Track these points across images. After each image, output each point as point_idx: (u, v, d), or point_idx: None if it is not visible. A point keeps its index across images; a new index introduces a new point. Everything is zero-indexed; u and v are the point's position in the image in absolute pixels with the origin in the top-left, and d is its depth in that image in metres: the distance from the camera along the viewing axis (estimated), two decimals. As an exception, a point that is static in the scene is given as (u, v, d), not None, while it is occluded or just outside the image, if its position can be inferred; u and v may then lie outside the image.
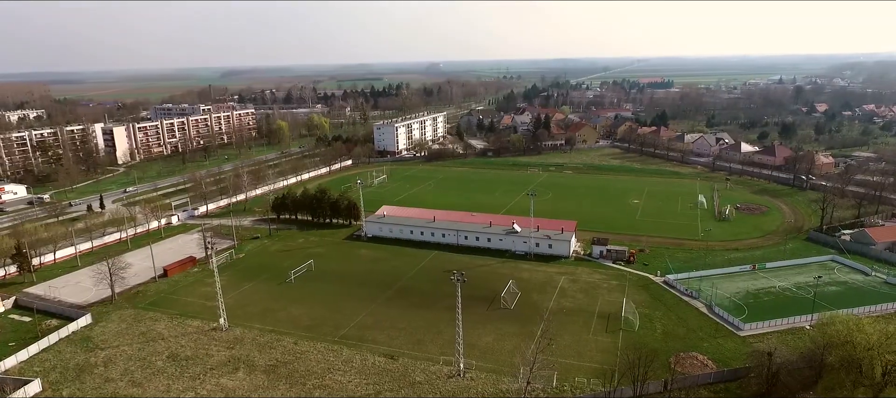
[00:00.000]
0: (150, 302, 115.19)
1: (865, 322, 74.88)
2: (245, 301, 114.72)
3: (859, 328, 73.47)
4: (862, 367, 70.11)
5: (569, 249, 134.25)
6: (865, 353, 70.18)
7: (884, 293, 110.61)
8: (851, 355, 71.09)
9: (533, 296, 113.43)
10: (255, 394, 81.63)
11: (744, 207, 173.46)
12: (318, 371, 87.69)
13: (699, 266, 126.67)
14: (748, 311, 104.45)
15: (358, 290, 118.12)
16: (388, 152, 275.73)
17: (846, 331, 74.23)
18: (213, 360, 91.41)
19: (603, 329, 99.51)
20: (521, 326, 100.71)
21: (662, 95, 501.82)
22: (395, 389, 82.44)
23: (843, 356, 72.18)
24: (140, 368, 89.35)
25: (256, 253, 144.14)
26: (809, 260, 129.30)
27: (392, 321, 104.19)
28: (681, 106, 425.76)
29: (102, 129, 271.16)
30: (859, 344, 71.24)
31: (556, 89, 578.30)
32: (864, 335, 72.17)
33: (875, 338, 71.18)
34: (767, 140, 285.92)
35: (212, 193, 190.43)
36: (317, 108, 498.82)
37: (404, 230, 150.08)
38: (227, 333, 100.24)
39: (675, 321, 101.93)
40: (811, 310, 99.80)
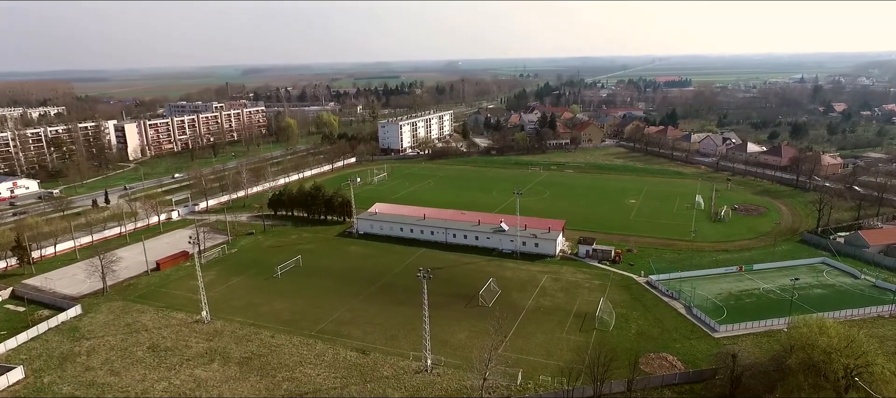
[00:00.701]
0: (139, 294, 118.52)
1: (830, 325, 74.02)
2: (231, 295, 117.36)
3: (823, 331, 72.72)
4: (824, 371, 69.43)
5: (555, 248, 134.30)
6: (825, 356, 69.46)
7: (870, 296, 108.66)
8: (811, 358, 70.40)
9: (512, 295, 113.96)
10: (225, 385, 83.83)
11: (741, 208, 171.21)
12: (290, 364, 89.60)
13: (686, 267, 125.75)
14: (727, 313, 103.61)
15: (341, 286, 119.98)
16: (392, 150, 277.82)
17: (809, 334, 73.56)
18: (190, 352, 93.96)
19: (577, 328, 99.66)
20: (495, 325, 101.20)
21: (677, 94, 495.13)
22: (361, 383, 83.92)
23: (803, 359, 71.47)
24: (120, 358, 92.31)
25: (249, 248, 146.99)
26: (799, 262, 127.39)
27: (370, 317, 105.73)
28: (693, 105, 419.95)
29: (115, 126, 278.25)
30: (820, 347, 70.50)
31: (569, 88, 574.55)
32: (826, 338, 71.41)
33: (836, 341, 70.40)
34: (778, 140, 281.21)
35: (213, 190, 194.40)
36: (329, 106, 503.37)
37: (394, 228, 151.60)
38: (208, 326, 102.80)
39: (652, 321, 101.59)
40: (790, 313, 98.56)
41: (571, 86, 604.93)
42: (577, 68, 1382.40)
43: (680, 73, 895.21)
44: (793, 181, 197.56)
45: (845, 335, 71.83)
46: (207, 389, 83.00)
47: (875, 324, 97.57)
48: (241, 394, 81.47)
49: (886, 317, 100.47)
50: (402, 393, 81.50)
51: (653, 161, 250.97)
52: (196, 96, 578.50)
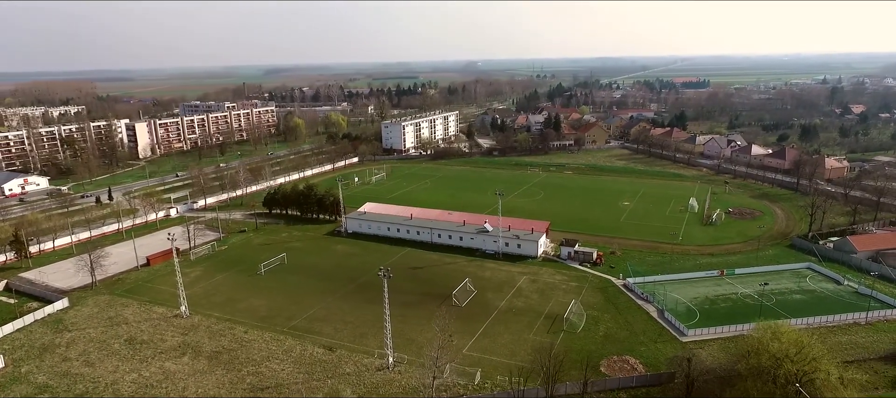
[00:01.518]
0: (126, 289, 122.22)
1: (784, 331, 73.38)
2: (213, 290, 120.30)
3: (775, 336, 72.21)
4: (772, 377, 69.01)
5: (536, 250, 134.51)
6: (773, 362, 69.03)
7: (849, 303, 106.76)
8: (759, 363, 70.02)
9: (487, 295, 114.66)
10: (192, 378, 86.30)
11: (735, 212, 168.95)
12: (257, 359, 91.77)
13: (667, 270, 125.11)
14: (700, 317, 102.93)
15: (320, 284, 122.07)
16: (394, 150, 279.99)
17: (761, 339, 73.14)
18: (164, 345, 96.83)
19: (545, 330, 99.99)
20: (464, 324, 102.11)
21: (691, 96, 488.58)
22: (323, 379, 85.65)
23: (753, 364, 71.13)
24: (97, 350, 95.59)
25: (239, 245, 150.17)
26: (784, 267, 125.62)
27: (342, 314, 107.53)
28: (705, 107, 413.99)
29: (126, 126, 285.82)
30: (770, 352, 70.11)
31: (581, 89, 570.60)
32: (777, 344, 70.93)
33: (787, 347, 69.87)
34: (787, 142, 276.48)
35: (213, 188, 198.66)
36: (342, 106, 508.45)
37: (382, 227, 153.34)
38: (186, 320, 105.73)
39: (621, 324, 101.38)
40: (759, 317, 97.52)
41: (585, 87, 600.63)
42: (595, 69, 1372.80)
43: (700, 74, 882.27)
44: (793, 184, 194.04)
45: (796, 341, 71.15)
46: (174, 382, 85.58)
47: (848, 331, 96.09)
48: (205, 387, 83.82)
49: (863, 324, 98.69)
50: (361, 390, 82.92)
51: (655, 163, 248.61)
52: (213, 96, 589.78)
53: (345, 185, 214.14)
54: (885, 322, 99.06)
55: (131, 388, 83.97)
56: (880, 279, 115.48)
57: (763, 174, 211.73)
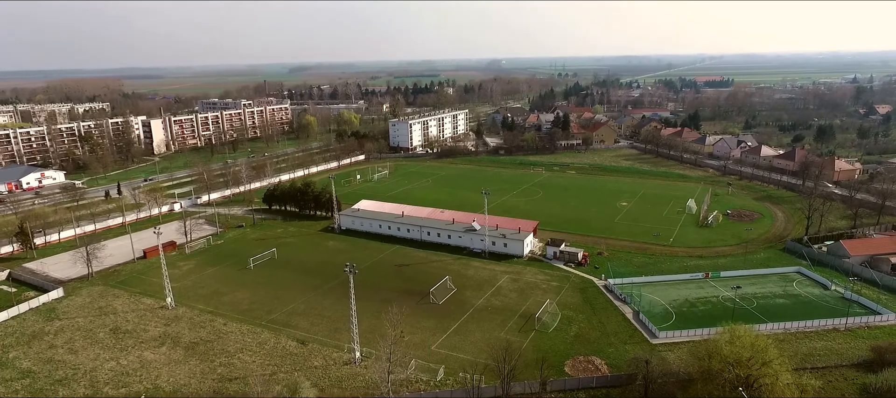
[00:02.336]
0: (120, 280, 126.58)
1: (742, 335, 72.73)
2: (201, 283, 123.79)
3: (730, 340, 71.72)
4: (720, 380, 68.64)
5: (522, 249, 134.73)
6: (722, 366, 68.61)
7: (833, 308, 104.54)
8: (710, 367, 69.68)
9: (466, 293, 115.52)
10: (166, 368, 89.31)
11: (734, 214, 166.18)
12: (231, 350, 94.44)
13: (652, 271, 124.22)
14: (676, 319, 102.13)
15: (305, 279, 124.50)
16: (401, 148, 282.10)
17: (715, 342, 72.78)
18: (146, 335, 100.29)
19: (518, 329, 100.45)
20: (437, 322, 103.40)
21: (711, 95, 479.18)
22: (290, 372, 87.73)
23: (704, 368, 70.83)
24: (82, 338, 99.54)
25: (234, 240, 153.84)
26: (772, 270, 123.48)
27: (321, 309, 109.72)
28: (722, 106, 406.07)
29: (142, 122, 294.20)
30: (722, 356, 69.78)
31: (599, 88, 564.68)
32: (731, 348, 70.47)
33: (740, 351, 69.35)
34: (802, 143, 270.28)
35: (218, 184, 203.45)
36: (358, 103, 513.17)
37: (374, 224, 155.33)
38: (171, 312, 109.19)
39: (595, 325, 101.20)
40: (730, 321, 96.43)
41: (603, 86, 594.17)
42: (620, 67, 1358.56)
43: (727, 72, 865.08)
44: (799, 187, 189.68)
45: (752, 345, 70.48)
46: (149, 371, 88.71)
47: (825, 337, 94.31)
48: (177, 377, 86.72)
49: (842, 329, 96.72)
50: (325, 382, 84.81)
51: (661, 163, 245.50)
52: (235, 93, 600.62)
53: (346, 183, 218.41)
54: (866, 328, 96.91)
55: (108, 376, 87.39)
56: (867, 284, 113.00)
57: (769, 175, 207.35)
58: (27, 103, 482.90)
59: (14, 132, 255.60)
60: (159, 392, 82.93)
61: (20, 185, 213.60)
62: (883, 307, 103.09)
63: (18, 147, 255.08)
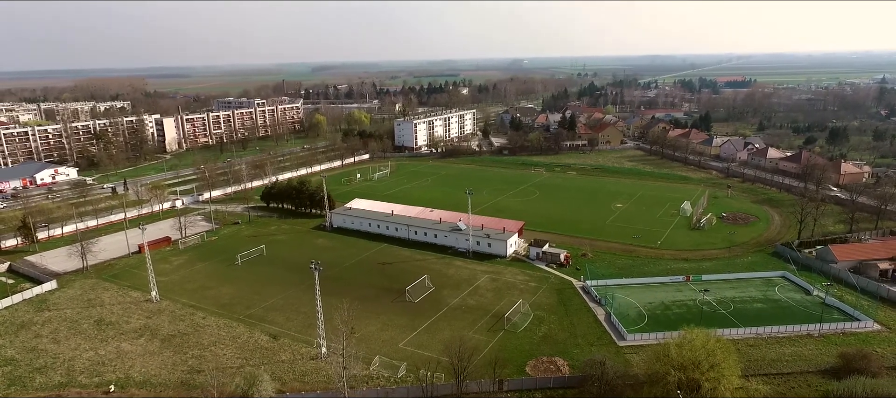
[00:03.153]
0: (113, 274, 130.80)
1: (694, 339, 72.61)
2: (189, 278, 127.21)
3: (680, 345, 71.62)
4: (665, 383, 68.62)
5: (506, 249, 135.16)
6: (666, 369, 68.52)
7: (810, 314, 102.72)
8: (656, 370, 69.67)
9: (443, 292, 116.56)
10: (140, 359, 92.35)
11: (729, 217, 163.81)
12: (205, 343, 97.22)
13: (634, 274, 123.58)
14: (649, 322, 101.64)
15: (288, 275, 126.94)
16: (406, 147, 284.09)
17: (666, 346, 72.70)
18: (128, 327, 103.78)
19: (487, 328, 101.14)
20: (410, 319, 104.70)
21: (728, 95, 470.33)
22: (257, 365, 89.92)
23: (653, 371, 70.81)
24: (67, 329, 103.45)
25: (228, 237, 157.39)
26: (756, 275, 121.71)
27: (299, 305, 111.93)
28: (737, 107, 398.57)
29: (155, 121, 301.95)
30: (670, 359, 69.72)
31: (614, 88, 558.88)
32: (677, 351, 70.46)
33: (688, 355, 69.21)
34: (813, 145, 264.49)
35: (221, 182, 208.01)
36: (373, 103, 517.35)
37: (364, 223, 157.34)
38: (155, 305, 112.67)
39: (565, 326, 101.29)
40: (704, 324, 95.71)
41: (619, 86, 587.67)
42: (644, 67, 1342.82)
43: (751, 72, 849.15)
44: (801, 190, 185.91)
45: (703, 348, 70.26)
46: (124, 361, 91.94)
47: (797, 343, 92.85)
48: (149, 368, 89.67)
49: (815, 335, 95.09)
50: (290, 376, 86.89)
51: (665, 165, 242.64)
52: (254, 92, 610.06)
53: (346, 182, 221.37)
54: (841, 335, 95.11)
55: (84, 365, 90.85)
56: (849, 289, 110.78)
57: (771, 177, 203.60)
58: (53, 102, 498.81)
59: (32, 130, 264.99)
60: (129, 382, 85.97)
61: (34, 181, 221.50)
62: (862, 313, 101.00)
63: (37, 144, 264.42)
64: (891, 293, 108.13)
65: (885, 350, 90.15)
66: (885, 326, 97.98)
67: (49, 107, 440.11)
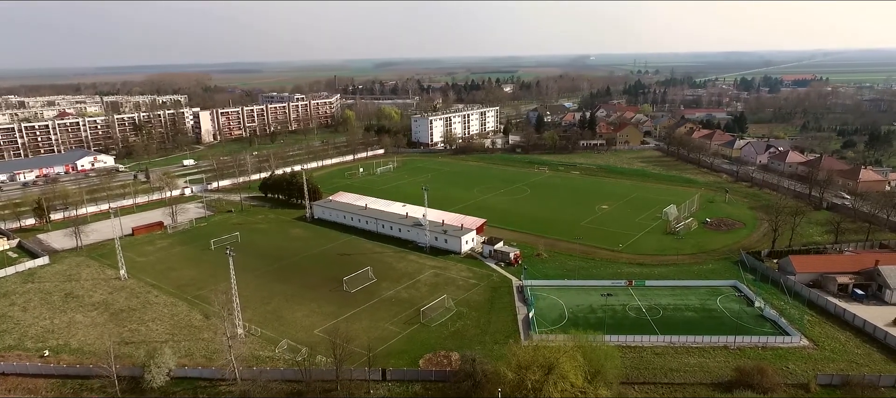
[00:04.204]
0: (102, 253, 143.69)
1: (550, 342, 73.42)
2: (163, 259, 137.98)
3: (526, 348, 73.08)
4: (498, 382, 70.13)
5: (460, 246, 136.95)
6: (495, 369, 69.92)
7: (739, 325, 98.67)
8: (497, 370, 71.06)
9: (383, 284, 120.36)
10: (84, 329, 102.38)
11: (713, 223, 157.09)
12: (146, 318, 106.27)
13: (580, 276, 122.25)
14: (565, 324, 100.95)
15: (251, 261, 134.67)
16: (421, 144, 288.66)
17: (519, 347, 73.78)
18: (89, 300, 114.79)
19: (405, 321, 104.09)
20: (337, 308, 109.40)
21: (785, 94, 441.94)
22: (179, 341, 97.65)
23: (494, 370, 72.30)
24: (38, 299, 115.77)
25: (217, 223, 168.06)
26: (707, 283, 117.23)
27: (248, 290, 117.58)
28: (787, 107, 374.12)
29: (194, 114, 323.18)
30: (511, 359, 71.13)
31: (662, 86, 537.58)
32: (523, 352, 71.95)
33: (531, 356, 70.17)
34: (852, 149, 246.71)
35: (232, 173, 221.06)
36: (415, 99, 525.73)
37: (340, 215, 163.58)
38: (121, 282, 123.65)
39: (481, 323, 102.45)
40: (622, 329, 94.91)
41: (667, 84, 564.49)
42: (715, 64, 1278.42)
43: (830, 70, 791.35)
44: (806, 196, 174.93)
45: (555, 350, 70.84)
46: (70, 330, 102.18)
47: (706, 354, 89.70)
48: (87, 337, 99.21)
49: (731, 348, 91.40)
50: (201, 352, 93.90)
51: (676, 167, 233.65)
52: (307, 88, 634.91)
53: (349, 176, 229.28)
54: (759, 349, 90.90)
55: (36, 332, 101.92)
56: (798, 301, 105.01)
57: (778, 182, 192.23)
58: (124, 95, 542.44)
59: (83, 120, 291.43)
60: (64, 348, 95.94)
61: (75, 167, 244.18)
62: (794, 329, 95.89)
63: (87, 133, 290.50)
64: (837, 309, 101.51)
65: (798, 367, 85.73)
66: (814, 343, 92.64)
67: (114, 99, 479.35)
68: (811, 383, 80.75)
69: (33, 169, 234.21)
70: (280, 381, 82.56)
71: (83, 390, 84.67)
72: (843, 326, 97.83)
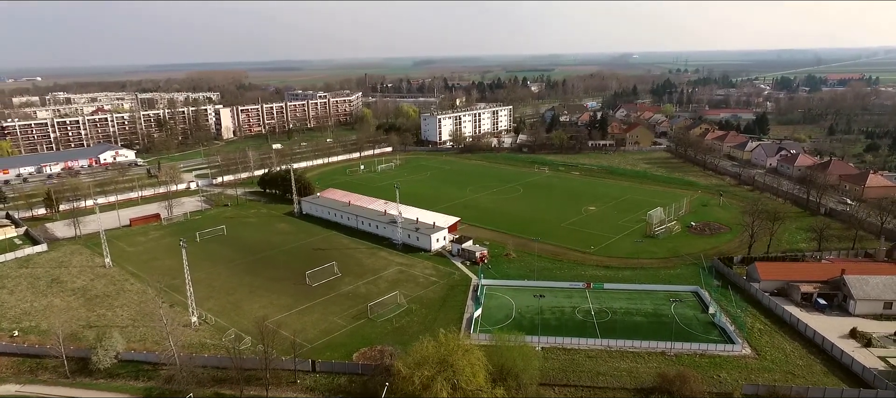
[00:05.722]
0: (96, 242, 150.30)
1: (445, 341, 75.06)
2: (149, 250, 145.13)
3: (426, 347, 74.64)
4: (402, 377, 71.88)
5: (430, 243, 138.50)
6: (411, 367, 71.35)
7: (687, 332, 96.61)
8: (397, 369, 72.77)
9: (345, 279, 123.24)
10: (58, 311, 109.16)
11: (697, 227, 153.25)
12: (116, 304, 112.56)
13: (542, 277, 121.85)
14: (509, 324, 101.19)
15: (229, 253, 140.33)
16: (429, 142, 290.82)
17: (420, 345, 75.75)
18: (70, 286, 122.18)
19: (354, 316, 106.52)
20: (293, 301, 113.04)
21: (822, 95, 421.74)
22: (140, 326, 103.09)
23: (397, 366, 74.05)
24: (26, 283, 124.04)
25: (210, 217, 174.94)
26: (669, 287, 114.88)
27: (219, 281, 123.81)
28: (816, 108, 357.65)
29: (214, 111, 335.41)
30: (411, 355, 73.05)
31: (694, 86, 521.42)
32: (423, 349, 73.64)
33: (416, 356, 72.56)
34: (877, 154, 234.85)
35: (237, 168, 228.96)
36: (440, 97, 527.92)
37: (325, 211, 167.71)
38: (105, 270, 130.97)
39: (426, 320, 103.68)
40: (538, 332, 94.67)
41: (700, 83, 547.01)
42: (764, 61, 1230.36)
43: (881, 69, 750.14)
44: (803, 201, 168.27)
45: (457, 347, 72.40)
46: (45, 313, 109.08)
47: (638, 359, 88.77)
48: (58, 320, 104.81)
49: (669, 354, 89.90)
50: (152, 337, 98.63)
51: (680, 168, 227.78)
52: (337, 86, 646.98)
53: (351, 172, 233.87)
54: (697, 356, 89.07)
55: (14, 313, 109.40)
56: (755, 308, 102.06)
57: (777, 186, 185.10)
58: (154, 92, 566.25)
59: (111, 116, 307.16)
60: (33, 330, 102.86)
61: (98, 161, 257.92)
62: (741, 338, 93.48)
63: (115, 129, 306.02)
64: (792, 318, 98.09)
65: (731, 375, 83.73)
66: (757, 352, 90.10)
67: (149, 96, 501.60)
68: (736, 393, 78.90)
69: (59, 162, 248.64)
70: (209, 367, 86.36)
71: (39, 369, 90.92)
72: (794, 336, 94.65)
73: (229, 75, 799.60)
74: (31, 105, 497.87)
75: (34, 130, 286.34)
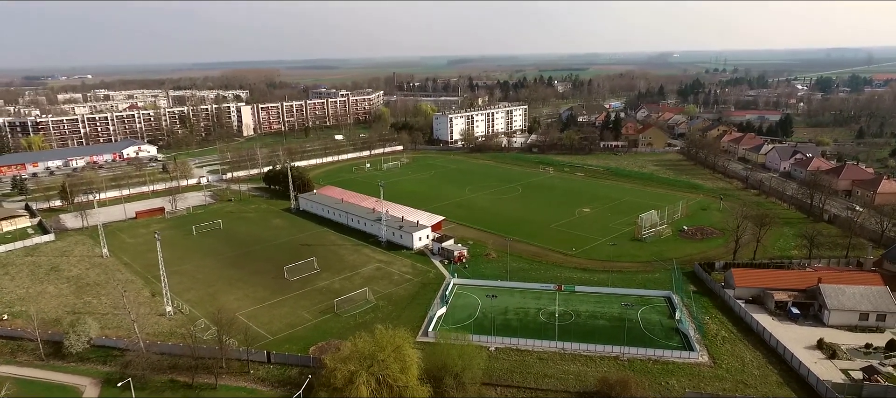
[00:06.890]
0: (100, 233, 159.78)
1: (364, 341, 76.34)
2: (147, 242, 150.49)
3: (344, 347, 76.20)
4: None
5: (412, 242, 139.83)
6: (338, 362, 73.11)
7: (644, 337, 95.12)
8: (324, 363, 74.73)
9: (323, 275, 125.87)
10: (49, 297, 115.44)
11: (689, 231, 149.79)
12: (101, 293, 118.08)
13: (518, 278, 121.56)
14: (470, 324, 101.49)
15: (219, 247, 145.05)
16: (441, 141, 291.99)
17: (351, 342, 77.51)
18: (67, 274, 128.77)
19: (322, 310, 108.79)
20: (269, 294, 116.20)
21: (857, 96, 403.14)
22: (120, 314, 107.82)
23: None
24: (27, 270, 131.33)
25: (212, 211, 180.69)
26: (642, 292, 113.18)
27: (202, 272, 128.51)
28: (849, 110, 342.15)
29: (235, 108, 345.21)
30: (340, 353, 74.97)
31: (725, 86, 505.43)
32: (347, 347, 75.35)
33: (343, 353, 74.08)
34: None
35: (246, 165, 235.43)
36: (464, 96, 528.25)
37: (320, 208, 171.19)
38: (101, 260, 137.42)
39: (391, 317, 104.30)
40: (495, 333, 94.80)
41: (736, 84, 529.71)
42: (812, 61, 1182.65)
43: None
44: (807, 206, 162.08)
45: (369, 344, 74.23)
46: (37, 299, 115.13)
47: (593, 363, 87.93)
48: (47, 305, 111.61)
49: (623, 359, 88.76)
50: (125, 325, 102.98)
51: (689, 171, 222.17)
52: (365, 84, 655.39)
53: (357, 170, 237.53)
54: (650, 362, 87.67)
55: (9, 298, 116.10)
56: (726, 315, 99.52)
57: (782, 190, 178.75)
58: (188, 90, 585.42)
59: (137, 113, 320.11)
60: (21, 314, 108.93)
61: (121, 155, 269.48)
62: (701, 345, 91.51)
63: (141, 125, 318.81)
64: (759, 326, 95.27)
65: (680, 382, 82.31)
66: (714, 360, 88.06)
67: (180, 94, 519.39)
68: (678, 400, 77.47)
69: (85, 156, 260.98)
70: (167, 355, 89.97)
71: (18, 351, 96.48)
72: (757, 346, 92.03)
73: (262, 73, 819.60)
74: (73, 101, 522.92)
75: (65, 126, 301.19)
